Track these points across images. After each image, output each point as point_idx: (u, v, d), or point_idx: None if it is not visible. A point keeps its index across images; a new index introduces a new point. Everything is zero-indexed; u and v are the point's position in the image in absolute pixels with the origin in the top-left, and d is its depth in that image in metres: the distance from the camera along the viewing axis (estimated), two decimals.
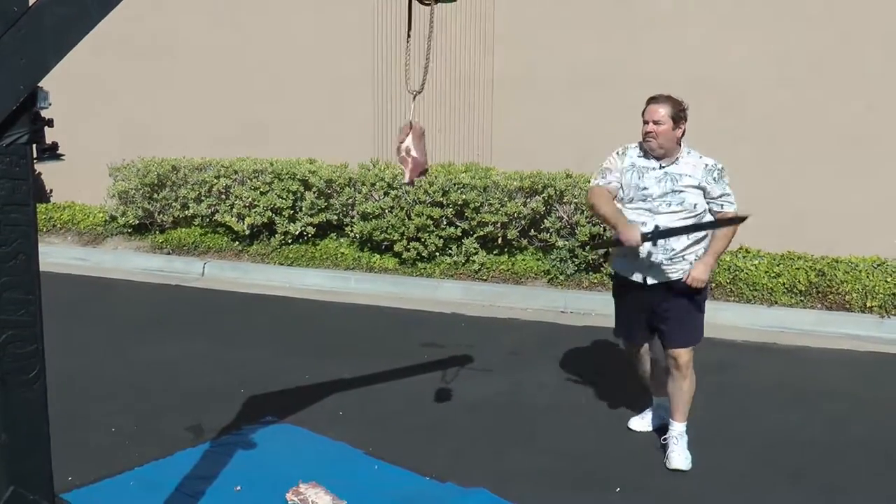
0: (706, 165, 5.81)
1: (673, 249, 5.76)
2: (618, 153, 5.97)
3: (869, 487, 5.63)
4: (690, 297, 5.88)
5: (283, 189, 11.67)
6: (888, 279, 9.58)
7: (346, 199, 11.61)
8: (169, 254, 12.24)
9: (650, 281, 5.86)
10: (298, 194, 11.74)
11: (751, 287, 9.76)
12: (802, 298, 9.60)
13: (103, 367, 7.82)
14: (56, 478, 3.62)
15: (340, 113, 12.57)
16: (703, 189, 5.77)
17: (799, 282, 9.68)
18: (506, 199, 10.73)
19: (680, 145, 5.82)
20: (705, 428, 6.45)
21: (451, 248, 11.03)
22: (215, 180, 12.13)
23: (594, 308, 9.73)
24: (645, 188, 5.75)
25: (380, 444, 6.12)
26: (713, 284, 9.80)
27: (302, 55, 12.78)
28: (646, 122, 5.74)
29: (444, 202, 10.85)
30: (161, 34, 13.45)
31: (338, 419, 6.60)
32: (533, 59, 11.61)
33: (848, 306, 9.45)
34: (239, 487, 5.37)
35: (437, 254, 11.07)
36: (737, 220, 5.90)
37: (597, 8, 11.27)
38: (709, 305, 9.18)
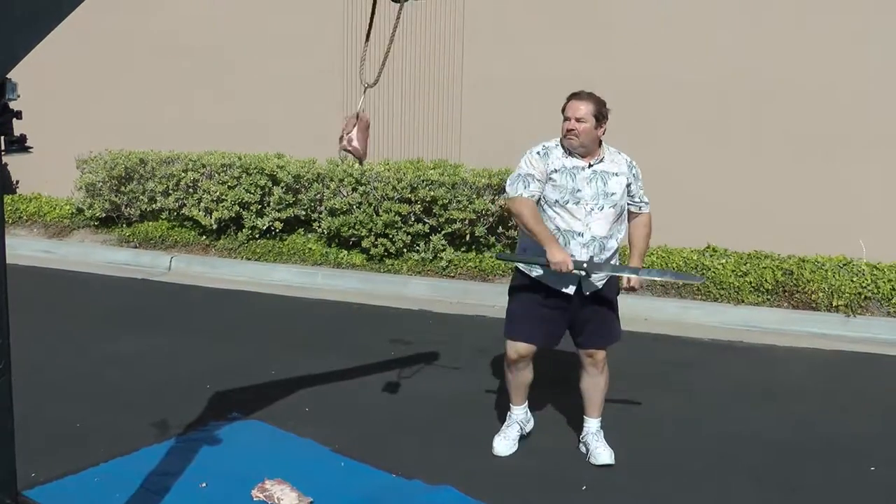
0: (627, 161, 5.75)
1: (609, 257, 5.72)
2: (538, 154, 5.69)
3: (831, 488, 5.66)
4: (611, 299, 5.87)
5: (251, 184, 11.63)
6: (854, 279, 9.66)
7: (315, 195, 11.58)
8: (136, 247, 12.18)
9: (586, 292, 5.72)
10: (266, 189, 11.70)
11: (718, 286, 9.81)
12: (769, 297, 9.67)
13: (67, 361, 7.76)
14: (19, 474, 3.60)
15: (309, 108, 12.54)
16: (628, 187, 5.71)
17: (766, 280, 9.74)
18: (474, 196, 10.74)
19: (601, 144, 5.69)
20: (670, 426, 6.48)
21: (418, 245, 11.03)
22: (183, 174, 12.06)
23: None
24: (578, 190, 5.55)
25: (346, 440, 6.11)
26: (680, 284, 9.87)
27: (271, 50, 12.75)
28: (567, 119, 5.56)
29: (413, 199, 10.85)
30: (130, 27, 13.39)
31: (304, 416, 6.58)
32: (501, 60, 11.63)
33: (814, 305, 9.53)
34: (204, 484, 5.34)
35: (405, 250, 11.07)
36: (691, 282, 5.91)
37: (562, 14, 11.33)
38: (676, 304, 9.29)
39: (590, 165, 5.61)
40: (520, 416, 6.25)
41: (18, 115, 3.34)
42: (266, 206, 11.75)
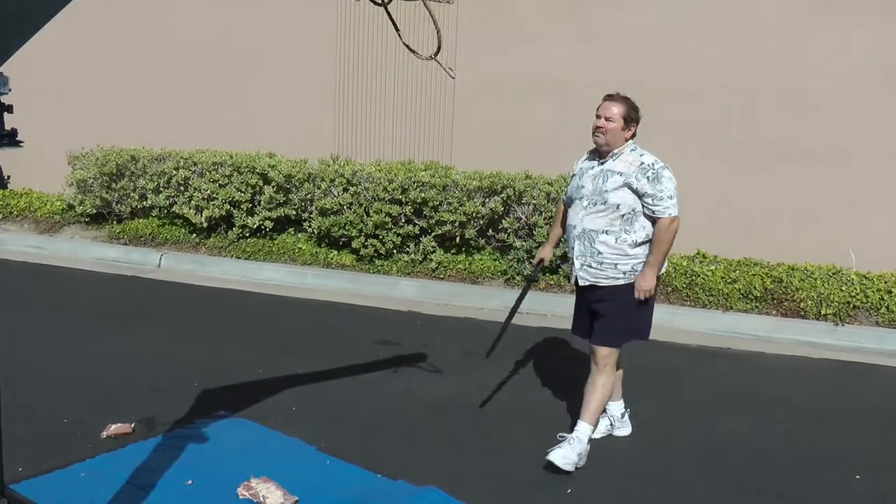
0: (642, 164, 5.81)
1: (600, 253, 5.85)
2: (577, 159, 6.27)
3: (816, 497, 5.67)
4: (618, 301, 5.91)
5: (242, 182, 11.63)
6: (843, 287, 9.68)
7: (305, 195, 11.58)
8: (126, 244, 12.17)
9: (581, 282, 6.02)
10: (257, 188, 11.70)
11: (707, 292, 9.83)
12: (758, 304, 9.68)
13: (55, 357, 7.74)
14: (6, 469, 3.60)
15: (301, 108, 12.55)
16: (631, 187, 5.76)
17: (755, 288, 9.76)
18: (464, 198, 10.75)
19: (625, 144, 5.92)
20: (655, 432, 6.49)
21: (408, 246, 11.04)
22: (174, 171, 12.05)
23: (550, 309, 9.77)
24: (582, 187, 6.00)
25: (332, 440, 6.12)
26: (668, 289, 9.88)
27: (264, 51, 12.76)
28: (598, 117, 5.90)
29: (403, 200, 10.85)
30: (124, 24, 13.39)
31: (291, 415, 6.59)
32: (493, 62, 11.66)
33: (803, 313, 9.54)
34: (190, 481, 5.35)
35: (395, 251, 11.08)
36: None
37: (554, 17, 11.35)
38: (664, 309, 9.27)
39: (600, 163, 5.93)
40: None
41: (9, 108, 3.34)
42: (257, 204, 11.75)
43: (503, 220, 10.70)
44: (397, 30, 4.98)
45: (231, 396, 6.85)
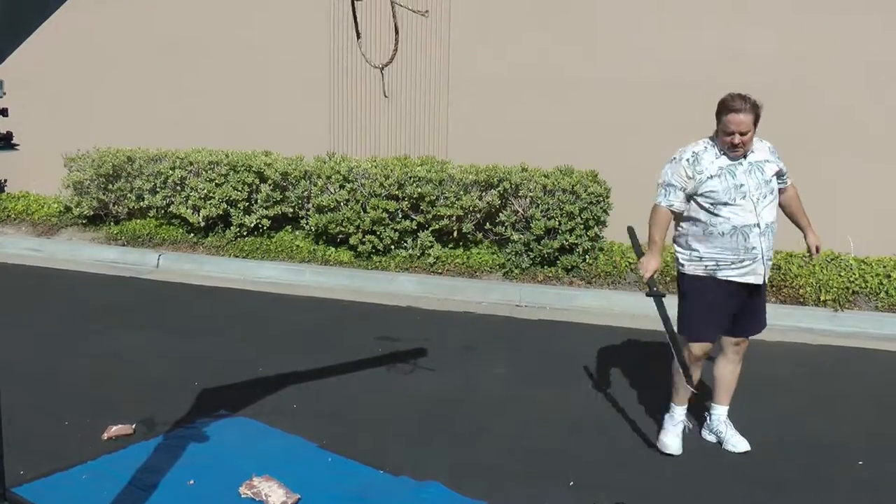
0: (768, 147, 5.93)
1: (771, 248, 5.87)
2: (688, 162, 5.80)
3: (818, 484, 5.67)
4: (764, 287, 6.06)
5: (239, 181, 11.63)
6: (842, 273, 9.70)
7: (302, 192, 11.58)
8: (123, 245, 12.15)
9: (760, 280, 5.89)
10: (254, 186, 11.70)
11: None
12: None
13: (55, 359, 7.73)
14: (7, 471, 3.60)
15: (296, 106, 12.54)
16: (777, 170, 5.87)
17: None
18: (461, 192, 10.75)
19: None
20: (653, 421, 6.49)
21: (406, 242, 11.04)
22: (171, 171, 12.03)
23: (549, 302, 9.78)
24: (741, 185, 5.68)
25: (333, 437, 6.11)
26: (666, 279, 9.87)
27: (259, 49, 12.74)
28: (731, 134, 5.62)
29: (400, 195, 10.85)
30: (118, 23, 13.37)
31: (291, 412, 6.58)
32: (488, 57, 11.65)
33: (802, 300, 9.55)
34: (192, 481, 5.34)
35: (393, 247, 11.08)
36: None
37: (548, 13, 11.35)
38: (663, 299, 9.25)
39: (742, 159, 5.75)
40: (683, 415, 6.24)
41: (4, 112, 3.33)
42: (254, 203, 11.75)
43: (500, 214, 10.71)
44: (358, 36, 4.94)
45: (231, 395, 6.85)
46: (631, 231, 6.54)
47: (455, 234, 11.00)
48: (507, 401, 7.00)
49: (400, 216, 10.96)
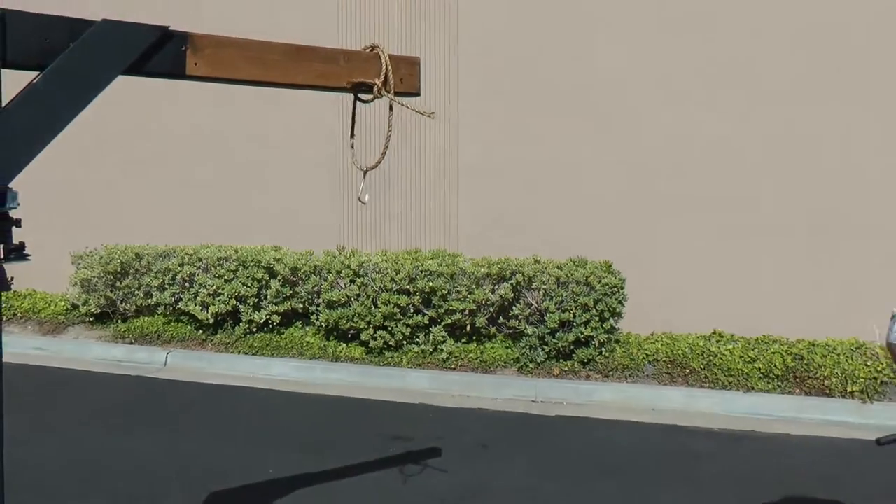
0: None
1: None
2: None
3: None
4: None
5: (248, 277, 11.49)
6: (868, 363, 9.46)
7: (312, 287, 11.42)
8: (131, 343, 12.00)
9: None
10: (263, 282, 11.55)
11: (725, 373, 9.61)
12: (780, 383, 9.46)
13: (58, 461, 7.56)
14: None
15: (306, 201, 12.47)
16: None
17: (775, 366, 9.54)
18: (473, 286, 10.59)
19: None
20: None
21: (418, 337, 10.85)
22: (179, 268, 11.92)
23: (565, 397, 9.58)
24: None
25: None
26: (686, 371, 9.67)
27: (268, 144, 12.70)
28: None
29: (412, 290, 10.69)
30: (124, 120, 13.36)
31: None
32: (496, 148, 11.59)
33: (827, 391, 9.31)
34: None
35: (405, 342, 10.89)
36: None
37: (557, 100, 11.30)
38: (683, 392, 9.06)
39: None
40: None
41: (18, 223, 3.36)
42: (263, 299, 11.60)
43: (514, 307, 10.53)
44: (352, 135, 4.86)
45: (242, 497, 6.74)
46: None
47: (468, 328, 10.81)
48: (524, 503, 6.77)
49: (411, 311, 10.79)
